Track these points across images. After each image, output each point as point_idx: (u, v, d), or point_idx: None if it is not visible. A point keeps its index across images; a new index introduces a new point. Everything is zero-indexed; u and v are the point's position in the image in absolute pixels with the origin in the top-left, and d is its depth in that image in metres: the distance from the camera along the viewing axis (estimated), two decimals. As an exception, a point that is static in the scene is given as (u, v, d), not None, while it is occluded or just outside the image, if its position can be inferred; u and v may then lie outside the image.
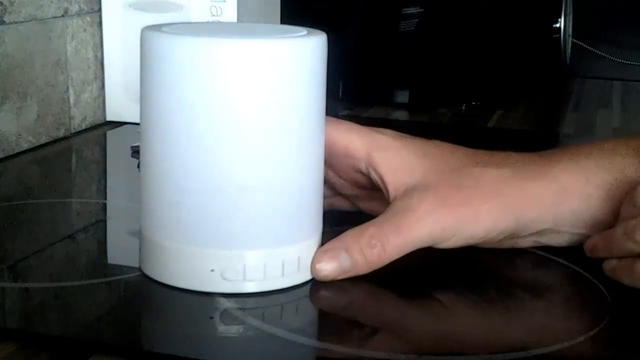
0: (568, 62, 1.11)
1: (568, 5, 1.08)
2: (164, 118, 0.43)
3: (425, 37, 0.97)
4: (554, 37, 1.07)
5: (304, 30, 0.45)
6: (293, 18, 0.69)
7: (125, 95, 0.82)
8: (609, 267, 0.46)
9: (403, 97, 0.98)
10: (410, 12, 0.96)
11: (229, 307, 0.42)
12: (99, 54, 0.82)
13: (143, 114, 0.44)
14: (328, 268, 0.45)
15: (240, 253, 0.43)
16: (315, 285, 0.45)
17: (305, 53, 0.43)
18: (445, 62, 0.98)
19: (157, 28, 0.44)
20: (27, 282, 0.46)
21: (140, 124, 0.45)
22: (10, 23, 0.69)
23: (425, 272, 0.47)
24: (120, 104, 0.83)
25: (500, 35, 1.01)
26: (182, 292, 0.43)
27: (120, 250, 0.52)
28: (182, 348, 0.39)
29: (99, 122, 0.83)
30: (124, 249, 0.51)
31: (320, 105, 0.45)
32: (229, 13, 0.77)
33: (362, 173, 0.50)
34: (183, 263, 0.43)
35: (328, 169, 0.50)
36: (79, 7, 0.79)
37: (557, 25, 1.06)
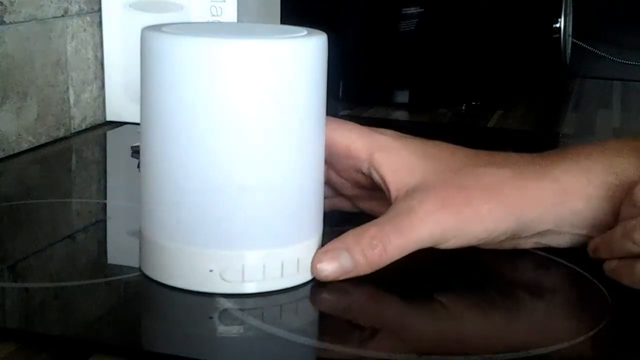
0: (568, 62, 1.11)
1: (568, 5, 1.08)
2: (164, 118, 0.43)
3: (425, 37, 0.97)
4: (554, 37, 1.06)
5: (304, 31, 0.45)
6: (293, 18, 0.69)
7: (125, 95, 0.82)
8: (610, 267, 0.46)
9: (403, 97, 0.98)
10: (410, 12, 0.96)
11: (229, 307, 0.42)
12: (99, 54, 0.82)
13: (143, 114, 0.44)
14: (329, 268, 0.45)
15: (240, 253, 0.43)
16: (315, 286, 0.45)
17: (306, 53, 0.43)
18: (445, 62, 0.98)
19: (157, 28, 0.44)
20: (27, 282, 0.46)
21: (140, 124, 0.45)
22: (10, 23, 0.69)
23: (426, 272, 0.47)
24: (120, 104, 0.83)
25: (500, 35, 1.01)
26: (181, 292, 0.43)
27: (120, 250, 0.52)
28: (182, 348, 0.39)
29: (99, 122, 0.83)
30: (124, 249, 0.51)
31: (321, 105, 0.45)
32: (229, 13, 0.77)
33: (363, 173, 0.50)
34: (183, 263, 0.43)
35: (329, 170, 0.50)
36: (79, 7, 0.79)
37: (557, 25, 1.06)
